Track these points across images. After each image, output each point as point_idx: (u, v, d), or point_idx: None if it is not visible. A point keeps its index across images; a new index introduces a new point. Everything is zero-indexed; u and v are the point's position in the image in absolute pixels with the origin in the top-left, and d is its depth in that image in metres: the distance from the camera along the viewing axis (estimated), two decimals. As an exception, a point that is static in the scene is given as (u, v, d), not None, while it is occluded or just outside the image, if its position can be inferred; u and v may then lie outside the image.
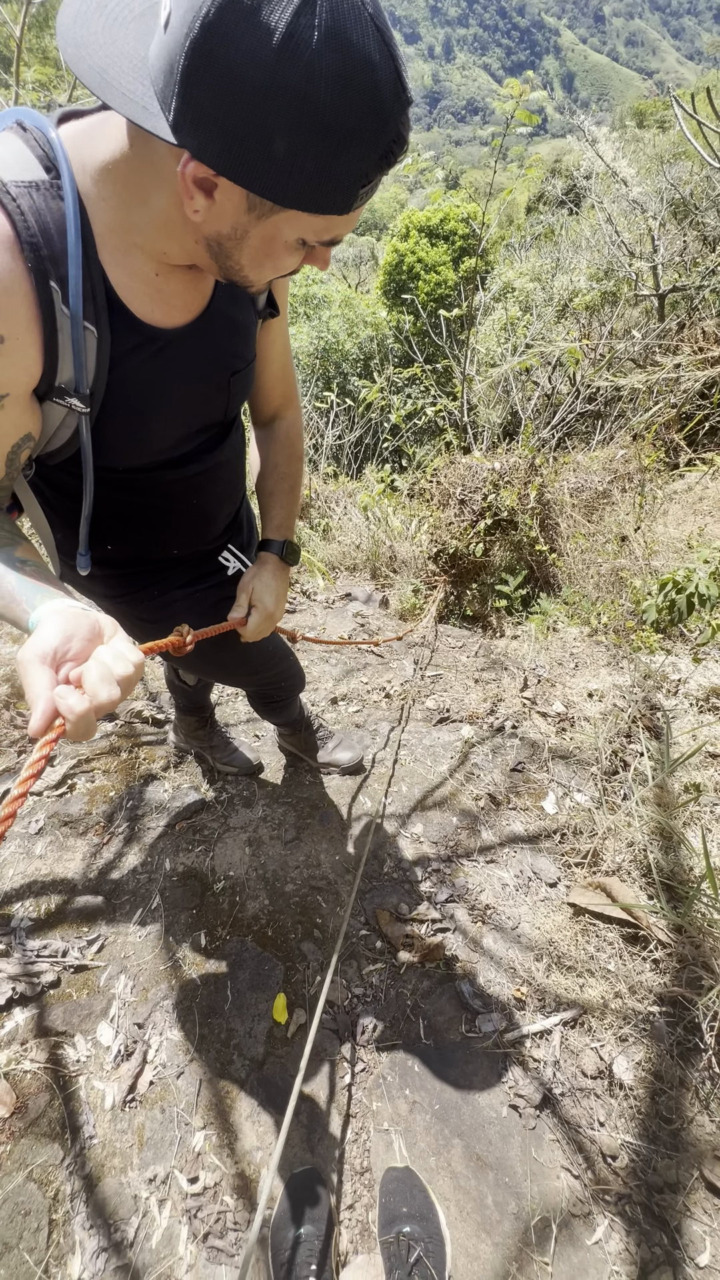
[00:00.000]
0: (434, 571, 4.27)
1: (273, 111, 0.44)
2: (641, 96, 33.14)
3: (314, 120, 0.45)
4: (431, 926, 1.42)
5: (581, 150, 12.89)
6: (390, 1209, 0.97)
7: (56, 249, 0.56)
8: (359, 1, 0.43)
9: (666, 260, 7.28)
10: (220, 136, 0.47)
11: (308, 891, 1.49)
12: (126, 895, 1.47)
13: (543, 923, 1.40)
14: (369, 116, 0.46)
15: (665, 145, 12.82)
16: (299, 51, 0.42)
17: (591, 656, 2.80)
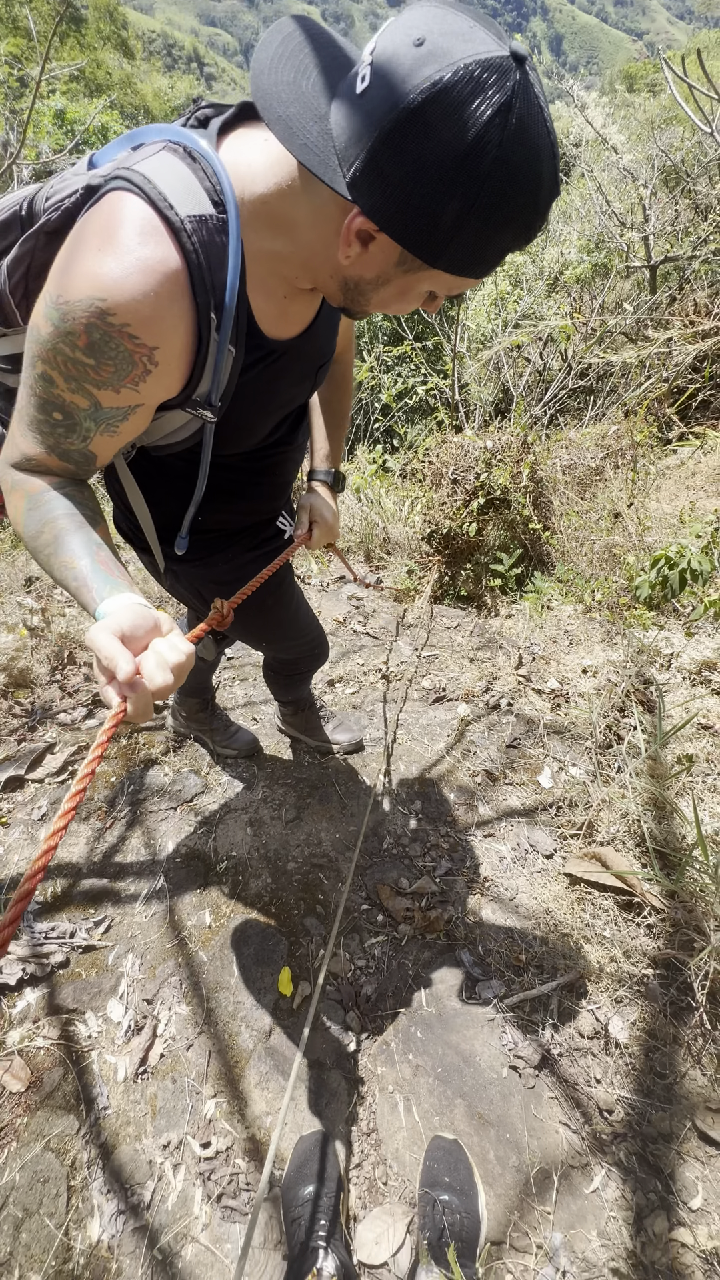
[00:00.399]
0: (428, 552, 4.26)
1: (450, 192, 0.49)
2: (632, 59, 32.30)
3: (484, 204, 0.50)
4: (431, 899, 1.45)
5: (570, 117, 12.59)
6: (432, 1173, 1.00)
7: (217, 282, 0.61)
8: (541, 106, 0.48)
9: (658, 230, 7.15)
10: (395, 202, 0.51)
11: (309, 869, 1.52)
12: (131, 877, 1.50)
13: (540, 893, 1.44)
14: (529, 207, 0.52)
15: (656, 110, 12.58)
16: (487, 149, 0.47)
17: (586, 633, 2.82)
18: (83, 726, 1.95)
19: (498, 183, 0.49)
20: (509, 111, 0.46)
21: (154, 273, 0.56)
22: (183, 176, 0.58)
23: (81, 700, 2.05)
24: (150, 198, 0.56)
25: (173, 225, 0.56)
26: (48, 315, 0.59)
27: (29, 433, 0.65)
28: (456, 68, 0.45)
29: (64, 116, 11.67)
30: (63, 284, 0.57)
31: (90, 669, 2.23)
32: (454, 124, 0.46)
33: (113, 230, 0.56)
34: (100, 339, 0.58)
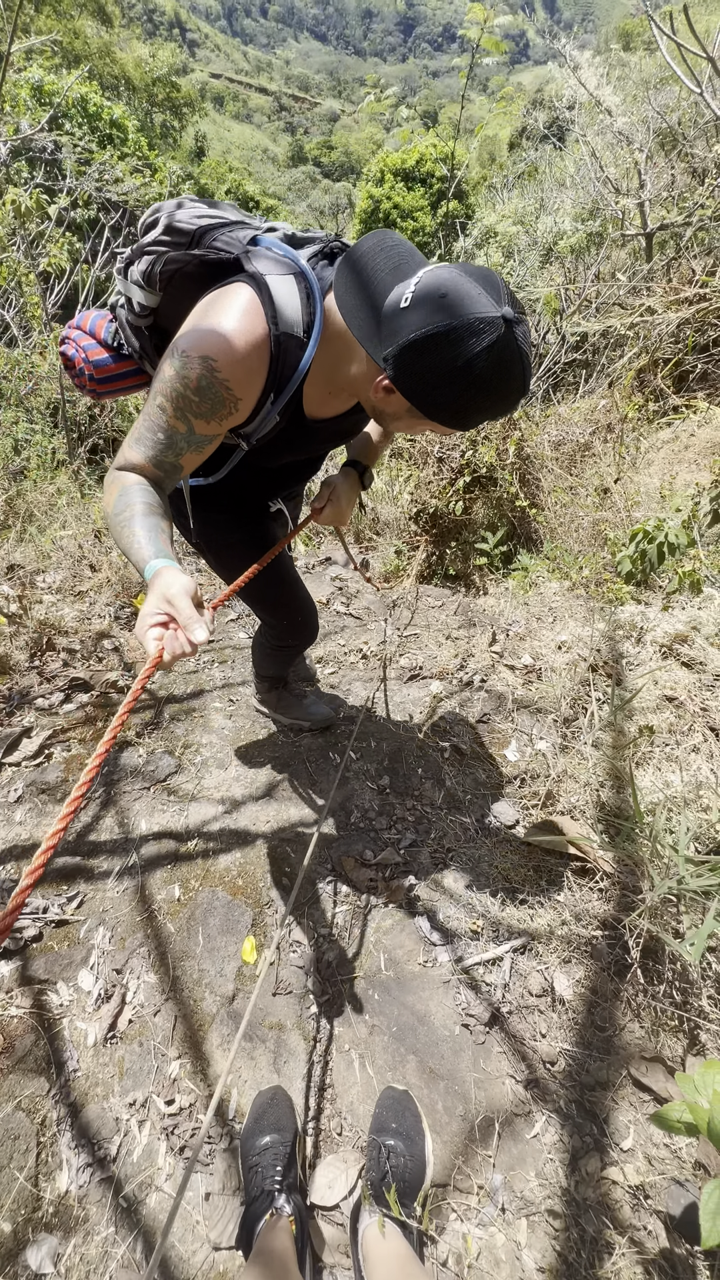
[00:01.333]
0: (415, 532, 4.26)
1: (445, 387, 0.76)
2: (628, 15, 31.17)
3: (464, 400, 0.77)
4: (395, 870, 1.49)
5: (564, 78, 12.23)
6: (381, 1120, 1.05)
7: (284, 376, 0.89)
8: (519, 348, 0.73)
9: (654, 196, 6.98)
10: (409, 379, 0.78)
11: (277, 844, 1.57)
12: (104, 855, 1.54)
13: (500, 861, 1.48)
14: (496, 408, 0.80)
15: (652, 69, 12.20)
16: (473, 370, 0.73)
17: (570, 610, 2.84)
18: (60, 711, 1.99)
19: (475, 391, 0.76)
20: (492, 350, 0.72)
21: (250, 354, 0.82)
22: (293, 304, 0.85)
23: (59, 685, 2.08)
24: (267, 305, 0.82)
25: (274, 331, 0.83)
26: (171, 361, 0.82)
27: (137, 446, 0.87)
28: (464, 319, 0.72)
29: (42, 90, 11.39)
30: (189, 341, 0.81)
31: (67, 654, 2.27)
32: (455, 350, 0.73)
33: (234, 314, 0.81)
34: (206, 385, 0.82)
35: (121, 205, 9.57)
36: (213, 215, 0.95)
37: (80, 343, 1.17)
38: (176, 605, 0.73)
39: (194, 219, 0.93)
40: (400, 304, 0.76)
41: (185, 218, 0.93)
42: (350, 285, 0.82)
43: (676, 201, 7.01)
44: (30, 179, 8.18)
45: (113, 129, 12.48)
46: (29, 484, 4.59)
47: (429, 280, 0.75)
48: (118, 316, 1.11)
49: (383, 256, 0.82)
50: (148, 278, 0.98)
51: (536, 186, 11.30)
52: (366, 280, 0.81)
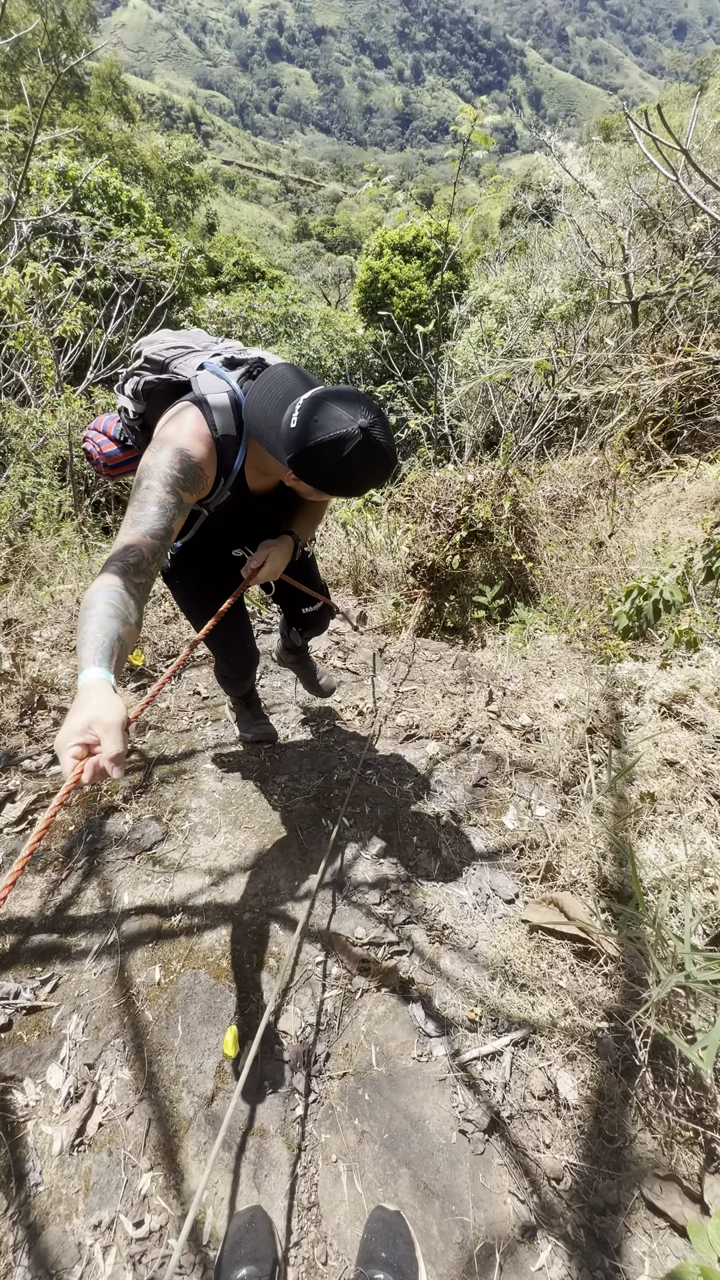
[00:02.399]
0: (413, 585, 4.29)
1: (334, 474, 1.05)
2: (607, 111, 33.84)
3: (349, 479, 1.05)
4: (388, 949, 1.42)
5: (550, 165, 13.16)
6: (370, 1248, 0.95)
7: (228, 466, 1.21)
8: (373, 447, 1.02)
9: (637, 269, 7.38)
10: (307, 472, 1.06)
11: (265, 920, 1.49)
12: (83, 932, 1.47)
13: (499, 940, 1.40)
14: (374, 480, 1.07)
15: (632, 158, 13.10)
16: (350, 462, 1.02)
17: (568, 665, 2.82)
18: (47, 773, 1.94)
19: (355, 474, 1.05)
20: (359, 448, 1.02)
21: (205, 450, 1.14)
22: (226, 417, 1.17)
23: (48, 746, 2.04)
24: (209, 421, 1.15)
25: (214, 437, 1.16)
26: (156, 455, 1.09)
27: (133, 528, 1.04)
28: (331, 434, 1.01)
29: (66, 175, 12.25)
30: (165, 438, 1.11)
31: (58, 713, 2.23)
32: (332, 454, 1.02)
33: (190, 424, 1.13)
34: (187, 466, 1.10)
35: (135, 277, 10.14)
36: (176, 345, 1.31)
37: (96, 440, 1.53)
38: (105, 736, 0.77)
39: (161, 351, 1.29)
40: (291, 423, 1.04)
41: (153, 351, 1.30)
42: (257, 408, 1.12)
43: (659, 273, 7.41)
44: (49, 253, 8.69)
45: (130, 209, 13.35)
46: (34, 535, 4.66)
47: (305, 406, 1.03)
48: (124, 419, 1.45)
49: (276, 386, 1.11)
50: (134, 394, 1.34)
51: (527, 259, 11.99)
52: (266, 404, 1.10)
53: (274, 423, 1.07)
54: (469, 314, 11.91)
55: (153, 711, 2.35)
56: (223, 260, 22.56)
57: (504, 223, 22.66)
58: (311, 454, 1.02)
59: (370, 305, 16.17)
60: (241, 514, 1.35)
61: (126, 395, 1.36)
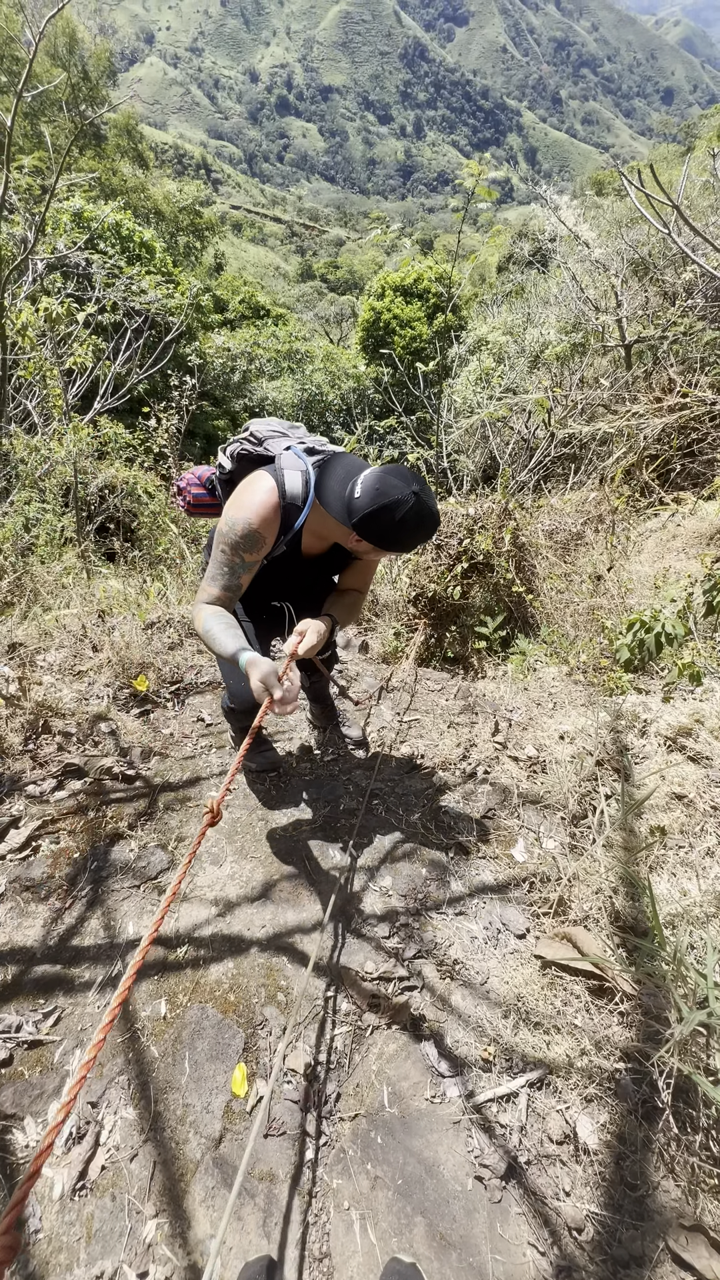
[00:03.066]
0: (414, 614, 4.32)
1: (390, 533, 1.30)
2: (599, 168, 35.50)
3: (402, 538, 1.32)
4: (399, 985, 1.39)
5: (546, 216, 13.76)
6: None
7: (289, 525, 1.44)
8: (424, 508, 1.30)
9: (630, 314, 7.66)
10: (369, 532, 1.31)
11: (273, 952, 1.47)
12: (87, 962, 1.44)
13: (511, 976, 1.38)
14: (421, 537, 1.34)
15: (623, 211, 13.72)
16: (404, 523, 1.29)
17: (569, 696, 2.83)
18: (51, 799, 1.92)
19: (407, 533, 1.31)
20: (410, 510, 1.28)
21: (267, 518, 1.39)
22: (295, 489, 1.42)
23: (52, 772, 2.02)
24: (280, 488, 1.41)
25: (283, 503, 1.41)
26: (228, 521, 1.40)
27: (213, 584, 1.44)
28: (390, 499, 1.27)
29: (82, 216, 12.73)
30: (240, 504, 1.40)
31: (63, 737, 2.22)
32: (390, 516, 1.28)
33: (259, 492, 1.40)
34: (249, 534, 1.39)
35: (144, 312, 10.46)
36: (276, 430, 1.63)
37: (190, 485, 1.87)
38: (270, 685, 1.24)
39: (264, 430, 1.62)
40: (355, 493, 1.32)
41: (258, 429, 1.63)
42: (327, 482, 1.38)
43: (651, 319, 7.69)
44: (62, 289, 8.96)
45: (141, 249, 13.83)
46: (35, 560, 4.70)
47: (368, 479, 1.32)
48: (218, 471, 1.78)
49: (343, 467, 1.40)
50: (232, 456, 1.68)
51: (523, 303, 12.44)
52: (335, 480, 1.37)
53: (340, 493, 1.34)
54: (468, 353, 12.28)
55: (157, 739, 2.35)
56: (229, 298, 23.28)
57: (501, 268, 23.53)
58: (373, 516, 1.29)
59: (372, 343, 16.68)
60: (290, 568, 1.64)
61: (226, 456, 1.71)
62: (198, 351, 14.79)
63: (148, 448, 6.99)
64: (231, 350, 16.13)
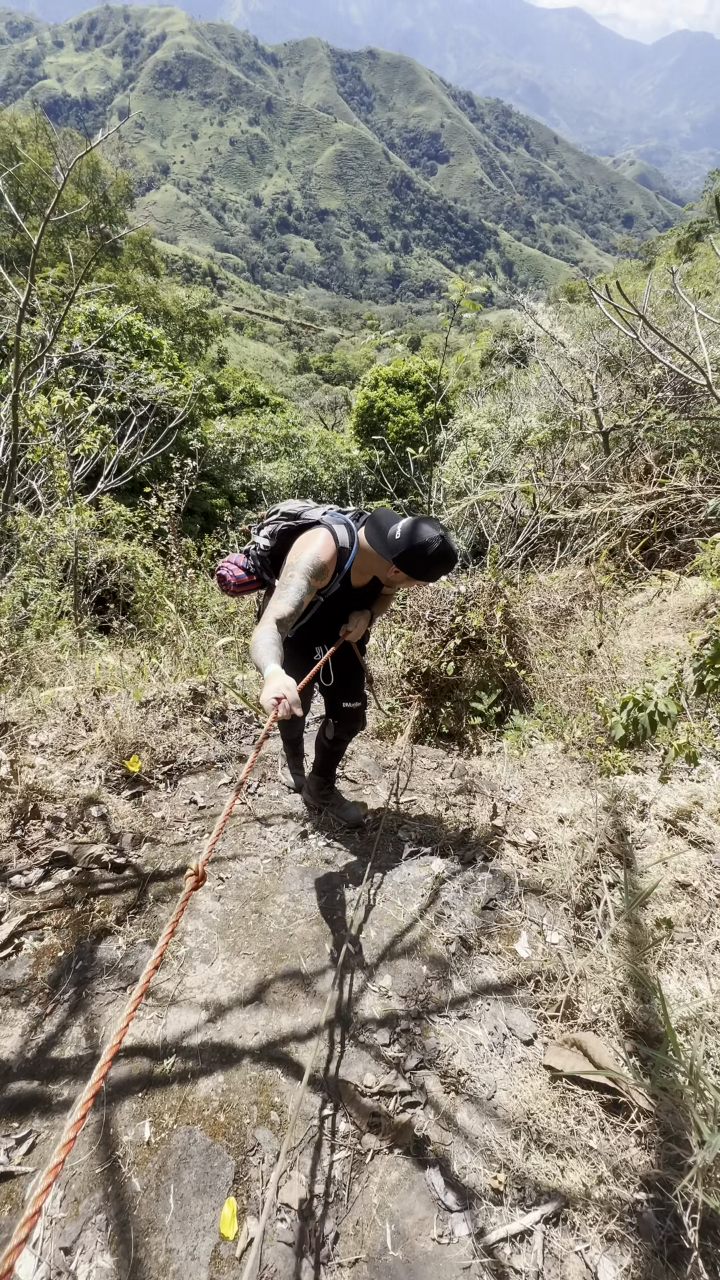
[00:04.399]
0: (408, 690, 4.34)
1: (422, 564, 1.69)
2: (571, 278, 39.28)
3: (430, 568, 1.72)
4: (400, 1100, 1.30)
5: (524, 319, 15.02)
6: None
7: (342, 566, 1.79)
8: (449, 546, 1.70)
9: (605, 404, 8.23)
10: (405, 564, 1.69)
11: (266, 1063, 1.38)
12: (66, 1078, 1.34)
13: (520, 1090, 1.30)
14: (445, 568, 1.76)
15: (594, 315, 15.00)
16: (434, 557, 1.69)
17: (566, 774, 2.81)
18: (37, 890, 1.85)
19: (434, 565, 1.72)
20: (438, 547, 1.68)
21: (330, 556, 1.72)
22: (344, 537, 1.77)
23: (39, 860, 1.96)
24: (335, 537, 1.75)
25: (338, 547, 1.74)
26: (299, 557, 1.70)
27: (282, 603, 1.62)
28: (423, 539, 1.66)
29: (97, 317, 13.79)
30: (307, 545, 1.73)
31: (52, 822, 2.17)
32: (423, 552, 1.67)
33: (322, 539, 1.73)
34: (317, 565, 1.69)
35: (150, 402, 11.12)
36: (303, 504, 1.97)
37: (231, 569, 2.11)
38: (289, 694, 1.38)
39: (295, 507, 1.96)
40: (395, 535, 1.69)
41: (289, 508, 1.97)
42: (370, 529, 1.77)
43: (625, 409, 8.25)
44: (74, 380, 9.55)
45: (150, 346, 14.88)
46: (31, 633, 4.74)
47: (406, 525, 1.70)
48: (249, 554, 2.07)
49: (383, 518, 1.76)
50: (270, 535, 1.96)
51: (506, 394, 13.34)
52: (378, 527, 1.74)
53: (383, 535, 1.71)
54: (455, 439, 13.04)
55: (148, 823, 2.29)
56: (230, 388, 24.82)
57: (484, 363, 25.40)
58: (411, 552, 1.66)
59: (366, 429, 17.71)
60: (341, 600, 1.95)
61: (263, 537, 1.99)
62: (199, 436, 15.61)
63: (148, 525, 7.23)
64: (231, 435, 17.04)
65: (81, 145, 6.41)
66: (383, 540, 1.70)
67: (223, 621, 5.86)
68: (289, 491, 15.67)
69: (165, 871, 2.01)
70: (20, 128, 27.89)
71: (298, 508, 1.95)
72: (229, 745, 3.05)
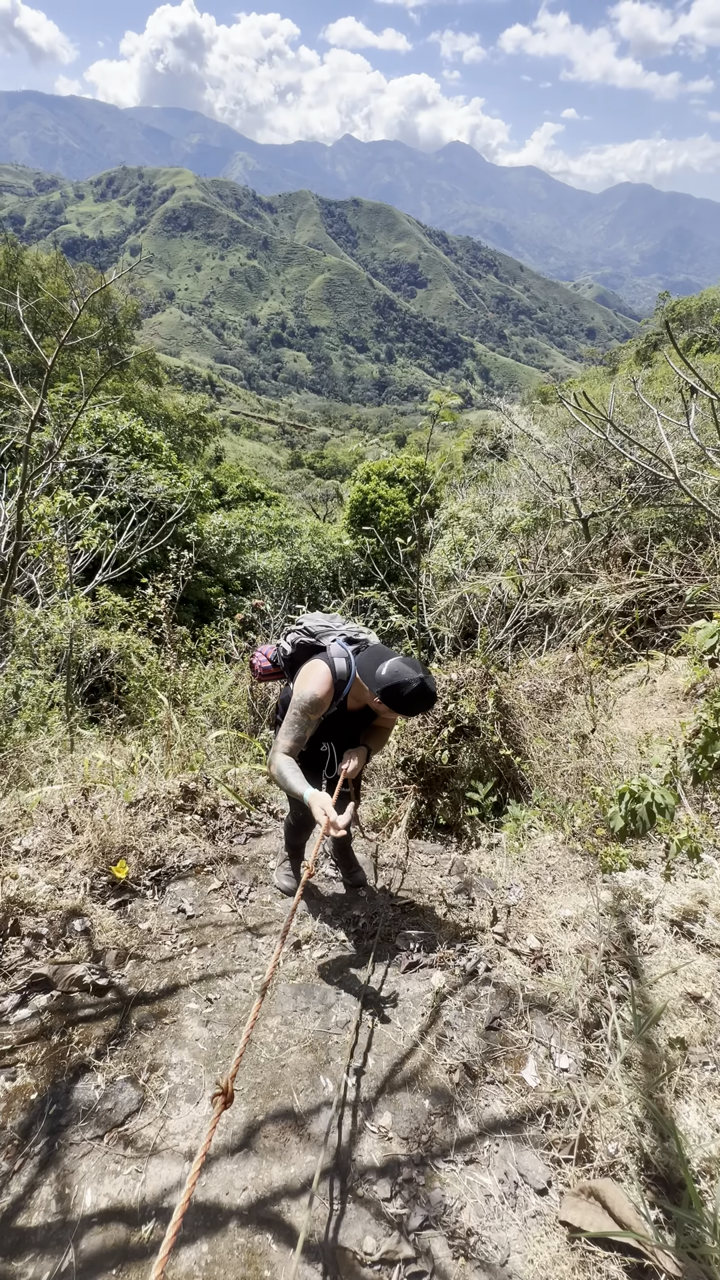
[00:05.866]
0: (403, 780, 4.27)
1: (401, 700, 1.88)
2: (543, 382, 42.86)
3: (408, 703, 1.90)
4: (404, 1270, 1.17)
5: (501, 420, 16.19)
6: None
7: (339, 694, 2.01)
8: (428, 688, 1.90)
9: (582, 494, 8.72)
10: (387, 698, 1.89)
11: (255, 1227, 1.24)
12: (32, 1251, 1.20)
13: (536, 1253, 1.17)
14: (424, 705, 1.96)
15: (567, 416, 16.19)
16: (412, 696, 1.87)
17: (567, 868, 2.74)
18: (12, 1020, 1.73)
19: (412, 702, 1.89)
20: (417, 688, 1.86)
21: (328, 691, 1.95)
22: (342, 669, 2.00)
23: (16, 985, 1.85)
24: (333, 670, 1.99)
25: (335, 679, 1.98)
26: (299, 694, 1.96)
27: (287, 739, 1.96)
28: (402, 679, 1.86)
29: (100, 424, 14.74)
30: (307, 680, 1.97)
31: (32, 939, 2.06)
32: (403, 691, 1.86)
33: (320, 674, 1.97)
34: (315, 702, 1.93)
35: (150, 499, 11.68)
36: (324, 624, 2.25)
37: (260, 658, 2.48)
38: (331, 814, 1.71)
39: (316, 626, 2.24)
40: (381, 672, 1.90)
41: (311, 624, 2.25)
42: (364, 662, 1.99)
43: (602, 498, 8.74)
44: (77, 480, 10.05)
45: (151, 449, 15.81)
46: (20, 724, 4.69)
47: (390, 665, 1.90)
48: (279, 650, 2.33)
49: (376, 654, 1.99)
50: (291, 644, 2.24)
51: (488, 486, 14.13)
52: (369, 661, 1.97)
53: (372, 672, 1.92)
54: (441, 528, 13.65)
55: (133, 935, 2.18)
56: (227, 483, 26.14)
57: (467, 457, 27.08)
58: (392, 689, 1.86)
59: (359, 519, 18.64)
60: (339, 721, 2.15)
61: (286, 643, 2.29)
62: (196, 530, 16.25)
63: (143, 614, 7.37)
64: (227, 527, 17.75)
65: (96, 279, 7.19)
66: (371, 675, 1.93)
67: (215, 712, 5.84)
68: (282, 580, 16.12)
69: (150, 993, 1.90)
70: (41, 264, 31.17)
71: (318, 628, 2.23)
72: (219, 846, 2.96)
